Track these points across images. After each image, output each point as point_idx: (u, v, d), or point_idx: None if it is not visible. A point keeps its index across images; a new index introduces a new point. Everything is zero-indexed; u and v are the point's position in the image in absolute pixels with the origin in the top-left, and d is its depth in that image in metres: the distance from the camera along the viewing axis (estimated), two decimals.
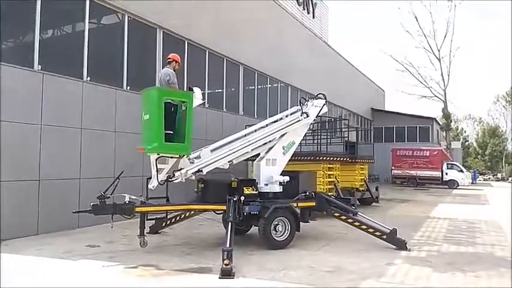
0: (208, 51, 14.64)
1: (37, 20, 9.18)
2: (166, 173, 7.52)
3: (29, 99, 8.96)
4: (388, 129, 38.17)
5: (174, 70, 7.94)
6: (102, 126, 10.58)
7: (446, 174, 29.87)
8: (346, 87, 28.99)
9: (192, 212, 8.76)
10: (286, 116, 8.98)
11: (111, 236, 8.50)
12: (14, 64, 8.68)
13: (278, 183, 8.26)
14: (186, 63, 13.31)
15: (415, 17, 37.17)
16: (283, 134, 8.73)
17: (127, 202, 7.09)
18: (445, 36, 38.05)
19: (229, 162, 8.16)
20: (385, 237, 7.97)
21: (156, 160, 7.34)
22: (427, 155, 30.40)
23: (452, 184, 29.35)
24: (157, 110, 7.02)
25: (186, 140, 7.31)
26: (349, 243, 8.34)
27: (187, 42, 13.56)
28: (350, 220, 8.35)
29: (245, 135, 8.54)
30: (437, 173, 29.74)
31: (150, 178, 7.58)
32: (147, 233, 8.27)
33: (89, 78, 10.34)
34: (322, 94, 9.37)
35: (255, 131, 8.69)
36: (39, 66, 9.18)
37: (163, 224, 9.01)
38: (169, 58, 8.13)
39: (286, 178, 8.26)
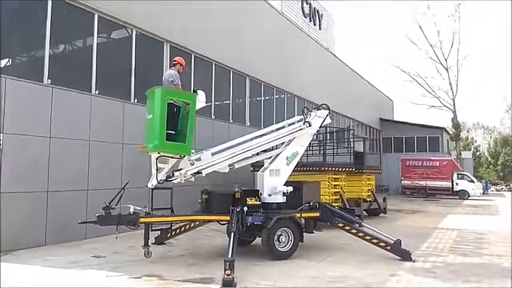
0: (214, 63, 14.85)
1: (47, 36, 9.46)
2: (166, 173, 7.63)
3: (39, 112, 9.18)
4: (398, 139, 37.95)
5: (179, 72, 8.12)
6: (110, 138, 10.77)
7: (457, 184, 29.47)
8: (353, 98, 29.03)
9: (197, 223, 8.82)
10: (289, 125, 9.06)
11: (117, 246, 8.59)
12: (24, 79, 8.94)
13: (282, 193, 8.31)
14: (193, 76, 13.53)
15: (420, 27, 37.11)
16: (286, 144, 8.81)
17: (131, 213, 7.22)
18: (451, 46, 37.94)
19: (229, 166, 8.24)
20: (389, 248, 7.95)
21: (157, 159, 7.46)
22: (437, 165, 30.09)
23: (463, 194, 28.95)
24: (160, 109, 7.16)
25: (187, 141, 7.45)
26: (353, 254, 8.31)
27: (194, 55, 13.78)
28: (354, 231, 8.34)
29: (247, 141, 8.61)
30: (448, 184, 29.37)
31: (156, 189, 7.71)
32: (152, 243, 8.37)
33: (97, 92, 10.58)
34: (326, 105, 9.44)
35: (257, 137, 8.78)
36: (49, 81, 9.43)
37: (169, 235, 9.07)
38: (174, 61, 8.34)
39: (290, 188, 8.31)
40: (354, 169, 13.54)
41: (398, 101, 42.66)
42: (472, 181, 30.21)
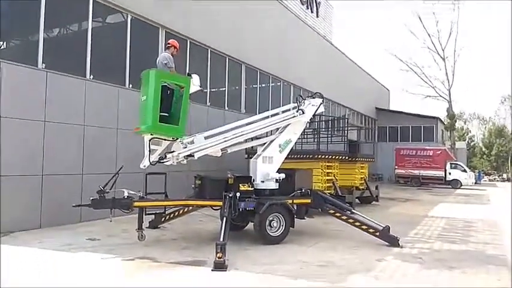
0: (210, 50, 14.84)
1: (41, 20, 9.42)
2: (159, 154, 7.74)
3: (33, 96, 9.21)
4: (393, 128, 38.19)
5: (173, 55, 8.16)
6: (104, 123, 10.82)
7: (450, 174, 29.83)
8: (350, 86, 29.09)
9: (190, 208, 8.98)
10: (283, 112, 9.15)
11: (111, 230, 8.73)
12: (19, 63, 8.94)
13: (274, 180, 8.43)
14: (188, 62, 13.53)
15: (419, 17, 36.95)
16: (280, 131, 8.92)
17: (126, 197, 7.34)
18: (449, 36, 37.85)
19: (222, 150, 8.36)
20: (378, 234, 8.14)
21: (150, 141, 7.56)
22: (431, 154, 30.38)
23: (456, 184, 29.31)
24: (154, 91, 7.24)
25: (180, 123, 7.55)
26: (344, 240, 8.50)
27: (190, 41, 13.76)
28: (344, 217, 8.52)
29: (240, 126, 8.70)
30: (441, 173, 29.71)
31: (150, 174, 7.82)
32: (146, 227, 8.52)
33: (92, 77, 10.59)
34: (319, 93, 9.52)
35: (251, 123, 8.87)
36: (43, 65, 9.43)
37: (163, 219, 9.22)
38: (168, 43, 8.37)
39: (282, 175, 8.43)
40: (346, 157, 13.68)
41: (395, 91, 42.84)
42: (464, 171, 30.56)
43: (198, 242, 8.08)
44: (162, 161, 7.82)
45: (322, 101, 9.45)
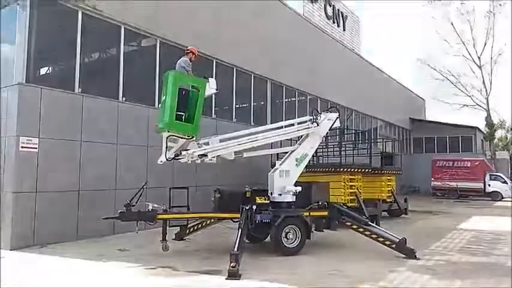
0: (235, 68, 15.47)
1: (78, 48, 10.37)
2: (175, 151, 8.22)
3: (71, 118, 10.10)
4: (429, 139, 37.22)
5: (191, 61, 8.68)
6: (136, 141, 11.58)
7: (489, 185, 28.66)
8: (381, 98, 28.89)
9: (212, 220, 9.44)
10: (298, 124, 9.50)
11: (141, 242, 9.34)
12: (57, 88, 9.89)
13: (291, 193, 8.76)
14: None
15: (452, 24, 36.08)
16: (297, 144, 9.26)
17: (150, 210, 7.92)
18: (485, 44, 36.64)
19: (237, 154, 8.76)
20: (394, 246, 8.24)
21: (167, 138, 8.07)
22: (468, 165, 29.35)
23: (496, 196, 28.09)
24: (172, 91, 7.82)
25: (194, 122, 8.05)
26: (360, 252, 8.65)
27: (215, 62, 14.45)
28: (361, 229, 8.68)
29: (255, 133, 9.10)
30: (479, 185, 28.60)
31: (173, 188, 8.40)
32: (172, 239, 9.09)
33: (124, 99, 11.44)
34: (335, 107, 9.81)
35: (266, 131, 9.32)
36: (80, 89, 10.35)
37: (187, 231, 9.73)
38: (187, 49, 8.90)
39: (298, 188, 8.75)
40: (369, 170, 13.72)
41: (431, 101, 41.59)
42: (505, 182, 29.26)
43: (218, 253, 8.48)
44: (177, 157, 8.27)
45: (338, 115, 9.71)
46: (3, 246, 8.64)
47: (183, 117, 8.01)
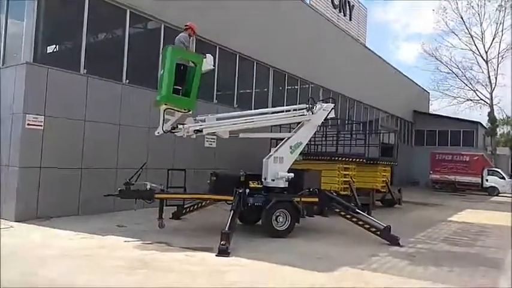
0: (238, 55, 15.71)
1: (84, 29, 10.67)
2: (171, 124, 8.54)
3: (75, 98, 10.46)
4: (430, 132, 37.38)
5: (189, 36, 8.92)
6: (137, 122, 11.95)
7: (487, 180, 28.97)
8: (384, 89, 28.99)
9: (208, 202, 9.86)
10: (294, 110, 9.81)
11: (139, 219, 9.76)
12: (63, 68, 10.22)
13: (284, 179, 9.12)
14: (217, 66, 14.45)
15: (461, 18, 35.90)
16: (293, 132, 9.59)
17: (148, 189, 8.33)
18: (493, 39, 36.47)
19: (232, 134, 9.07)
20: (379, 233, 8.64)
21: (164, 111, 8.35)
22: (467, 160, 29.62)
23: (493, 191, 28.43)
24: (170, 65, 8.08)
25: (191, 95, 8.33)
26: (347, 237, 9.06)
27: (219, 47, 14.70)
28: (348, 216, 9.07)
29: (252, 115, 9.42)
30: (477, 179, 28.91)
31: (171, 169, 8.79)
32: (169, 218, 9.54)
33: (127, 81, 11.76)
34: (332, 98, 10.09)
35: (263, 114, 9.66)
36: (85, 70, 10.68)
37: (184, 211, 10.17)
38: (186, 25, 9.09)
39: (291, 175, 9.10)
40: (364, 160, 14.04)
41: (436, 94, 41.62)
42: (503, 178, 29.51)
43: (211, 232, 8.83)
44: (173, 130, 8.57)
45: (334, 105, 10.00)
46: (8, 217, 9.11)
47: (180, 91, 8.29)
